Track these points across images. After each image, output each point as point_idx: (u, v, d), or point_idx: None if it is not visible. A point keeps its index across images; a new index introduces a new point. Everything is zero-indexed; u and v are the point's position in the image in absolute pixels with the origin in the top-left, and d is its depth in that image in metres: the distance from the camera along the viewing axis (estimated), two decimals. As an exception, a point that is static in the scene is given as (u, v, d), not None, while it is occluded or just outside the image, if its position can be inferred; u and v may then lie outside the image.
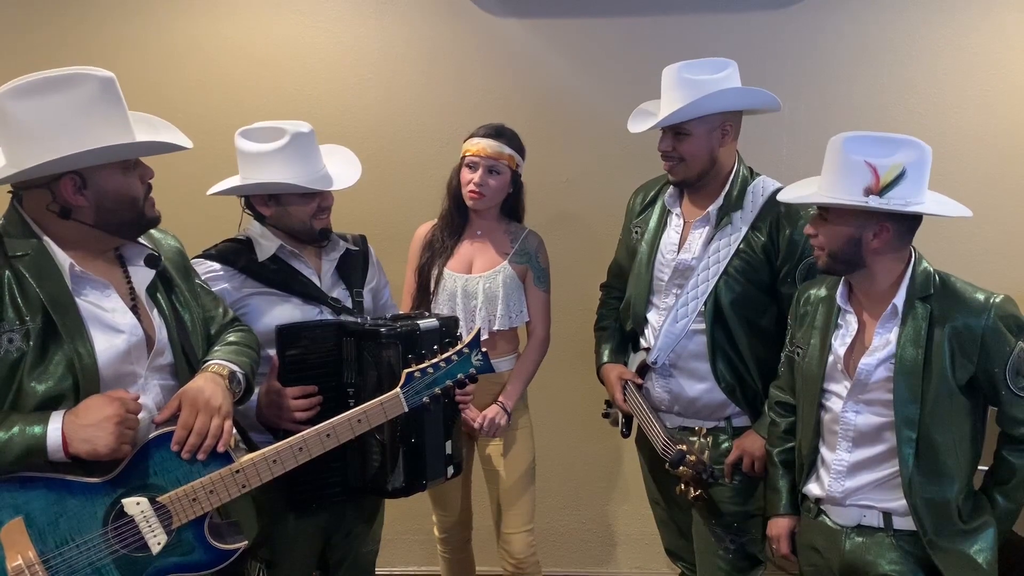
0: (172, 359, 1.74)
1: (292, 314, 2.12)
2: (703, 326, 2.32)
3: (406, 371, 1.80)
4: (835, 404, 1.96)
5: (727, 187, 2.34)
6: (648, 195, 2.54)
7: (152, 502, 1.60)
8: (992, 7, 3.03)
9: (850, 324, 1.97)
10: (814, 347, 2.01)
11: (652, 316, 2.43)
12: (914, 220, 1.90)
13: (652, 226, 2.46)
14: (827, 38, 3.10)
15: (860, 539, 1.94)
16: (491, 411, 2.58)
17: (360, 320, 2.12)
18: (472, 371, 1.85)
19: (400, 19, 3.19)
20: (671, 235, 2.41)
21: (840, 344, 1.97)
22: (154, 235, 1.83)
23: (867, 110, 3.08)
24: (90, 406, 1.54)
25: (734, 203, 2.33)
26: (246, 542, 1.71)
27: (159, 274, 1.76)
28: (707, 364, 2.33)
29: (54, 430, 1.52)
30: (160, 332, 1.72)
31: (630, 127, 2.44)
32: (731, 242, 2.31)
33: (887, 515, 1.92)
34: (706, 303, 2.31)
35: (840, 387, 1.96)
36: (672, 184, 2.42)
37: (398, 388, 1.78)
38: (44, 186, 1.58)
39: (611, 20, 3.15)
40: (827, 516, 2.00)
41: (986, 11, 3.03)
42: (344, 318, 2.14)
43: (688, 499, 2.31)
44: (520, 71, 3.19)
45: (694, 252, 2.35)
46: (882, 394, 1.90)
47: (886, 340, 1.90)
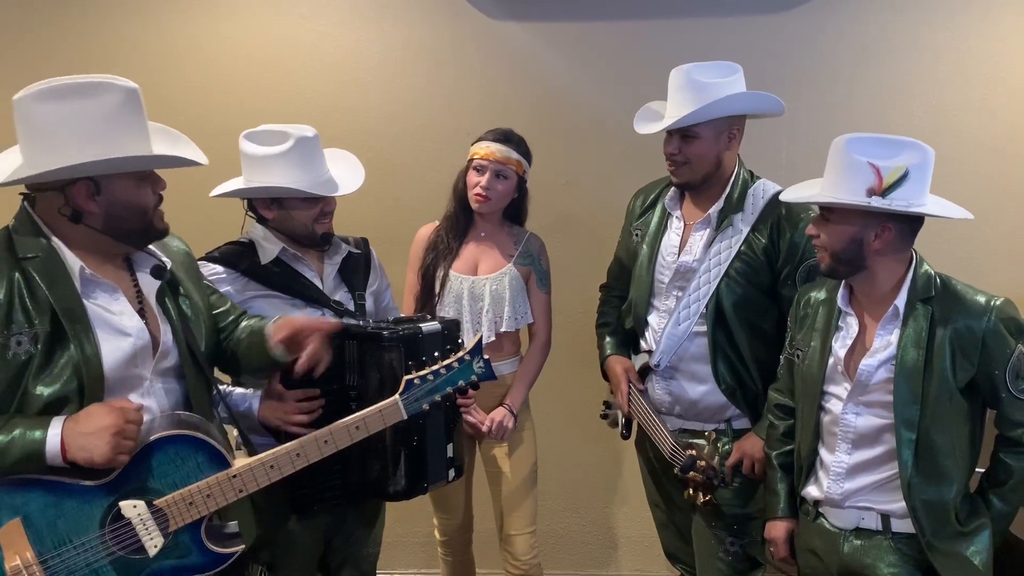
0: (177, 361, 1.74)
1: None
2: (704, 328, 2.32)
3: (406, 378, 1.78)
4: (835, 406, 1.96)
5: (728, 189, 2.34)
6: (649, 197, 2.54)
7: (149, 505, 1.60)
8: (991, 9, 3.04)
9: (851, 326, 1.97)
10: (814, 349, 2.02)
11: (652, 318, 2.43)
12: (916, 222, 1.90)
13: (653, 228, 2.46)
14: (827, 40, 3.10)
15: (858, 542, 1.94)
16: (498, 414, 2.58)
17: (362, 323, 2.12)
18: (473, 378, 1.82)
19: (400, 22, 3.19)
20: (672, 237, 2.41)
21: (840, 346, 1.97)
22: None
23: (867, 112, 3.08)
24: (91, 414, 1.55)
25: (735, 205, 2.33)
26: (243, 545, 1.71)
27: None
28: (708, 366, 2.34)
29: (54, 436, 1.52)
30: (166, 335, 1.72)
31: (637, 128, 2.42)
32: (732, 244, 2.31)
33: (886, 517, 1.92)
34: (707, 305, 2.31)
35: (840, 389, 1.96)
36: (675, 187, 2.42)
37: (397, 395, 1.77)
38: (58, 189, 1.59)
39: (609, 23, 3.15)
40: (825, 519, 2.00)
41: (985, 13, 3.04)
42: (346, 321, 2.14)
43: (697, 504, 2.31)
44: (519, 74, 3.19)
45: (695, 254, 2.35)
46: (882, 396, 1.90)
47: (887, 342, 1.90)
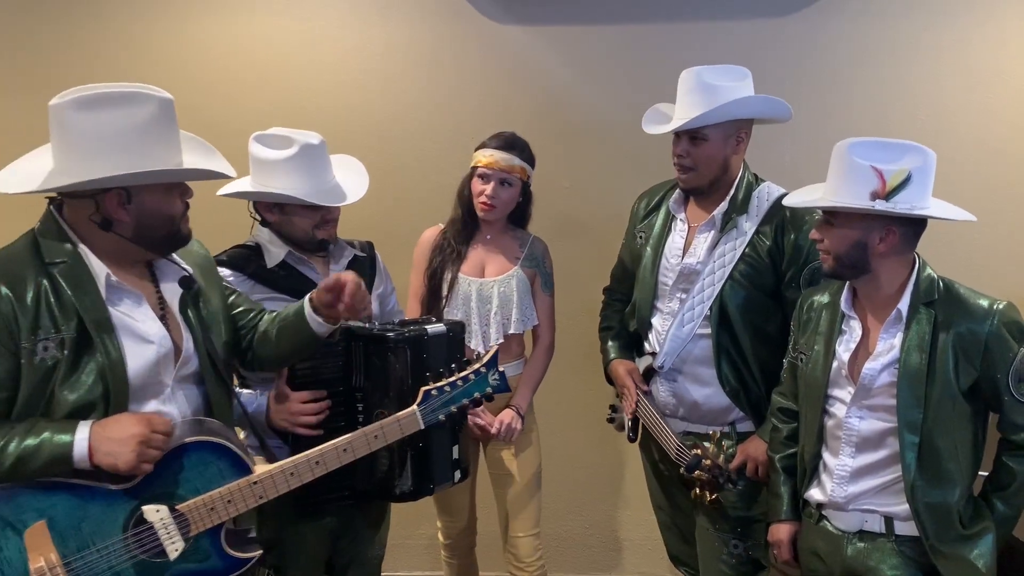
0: (197, 367, 1.76)
1: None
2: (708, 330, 2.33)
3: (423, 389, 1.82)
4: (839, 409, 1.97)
5: (732, 191, 2.35)
6: (652, 200, 2.54)
7: (171, 510, 1.63)
8: (993, 13, 3.04)
9: (854, 330, 1.97)
10: (818, 353, 2.02)
11: (656, 320, 2.44)
12: (919, 225, 1.91)
13: (657, 231, 2.46)
14: (828, 43, 3.10)
15: (862, 545, 1.95)
16: (506, 416, 2.58)
17: (368, 325, 2.13)
18: (488, 390, 1.86)
19: (403, 25, 3.19)
20: (676, 240, 2.42)
21: (844, 350, 1.97)
22: None
23: (869, 114, 3.09)
24: (120, 421, 1.57)
25: (739, 207, 2.34)
26: (261, 551, 1.73)
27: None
28: (712, 368, 2.34)
29: (81, 439, 1.55)
30: (187, 342, 1.74)
31: (646, 128, 2.42)
32: (736, 246, 2.32)
33: (889, 520, 1.93)
34: (711, 307, 2.31)
35: (844, 392, 1.96)
36: (681, 191, 2.42)
37: (415, 406, 1.80)
38: (90, 196, 1.61)
39: (610, 27, 3.15)
40: (829, 521, 2.00)
41: (987, 16, 3.04)
42: (352, 323, 2.15)
43: (704, 504, 2.31)
44: (521, 76, 3.20)
45: (699, 256, 2.35)
46: (885, 399, 1.90)
47: (890, 345, 1.91)
